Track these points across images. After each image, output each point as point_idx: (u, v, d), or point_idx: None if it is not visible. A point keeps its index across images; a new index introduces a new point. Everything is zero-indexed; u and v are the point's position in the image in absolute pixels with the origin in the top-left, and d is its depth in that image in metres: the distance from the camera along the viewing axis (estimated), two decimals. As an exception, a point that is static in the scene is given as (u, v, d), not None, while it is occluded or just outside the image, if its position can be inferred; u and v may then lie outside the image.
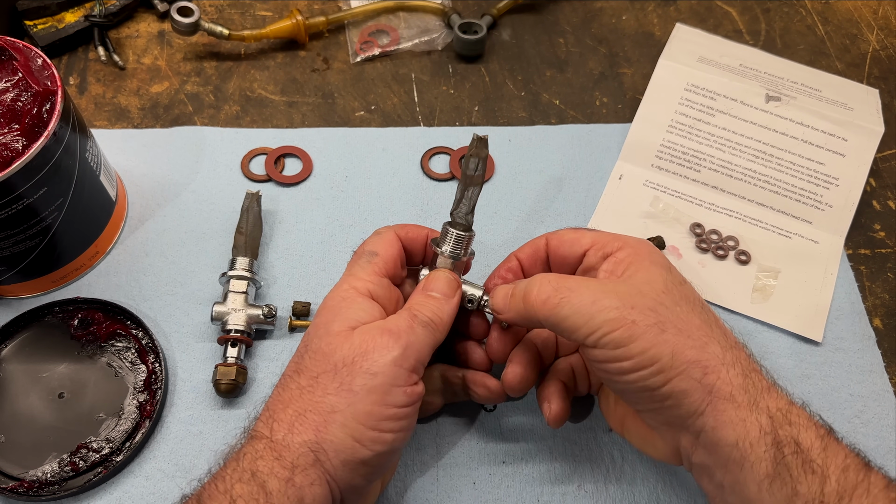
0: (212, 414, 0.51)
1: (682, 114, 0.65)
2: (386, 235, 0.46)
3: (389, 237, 0.46)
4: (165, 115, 0.66)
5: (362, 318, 0.41)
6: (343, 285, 0.43)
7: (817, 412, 0.40)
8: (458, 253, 0.45)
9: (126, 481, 0.48)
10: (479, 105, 0.69)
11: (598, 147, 0.66)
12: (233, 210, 0.59)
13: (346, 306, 0.42)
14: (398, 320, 0.41)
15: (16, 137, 0.46)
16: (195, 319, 0.55)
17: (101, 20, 0.69)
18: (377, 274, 0.44)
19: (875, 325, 0.57)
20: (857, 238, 0.62)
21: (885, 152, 0.67)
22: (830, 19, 0.77)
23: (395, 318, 0.41)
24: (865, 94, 0.67)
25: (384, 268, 0.44)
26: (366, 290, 0.43)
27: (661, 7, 0.77)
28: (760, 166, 0.63)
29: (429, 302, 0.43)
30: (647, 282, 0.40)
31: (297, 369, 0.41)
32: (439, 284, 0.44)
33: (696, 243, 0.60)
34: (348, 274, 0.44)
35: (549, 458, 0.50)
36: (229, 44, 0.71)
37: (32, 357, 0.52)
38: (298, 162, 0.64)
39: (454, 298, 0.44)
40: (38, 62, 0.50)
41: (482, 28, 0.70)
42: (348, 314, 0.41)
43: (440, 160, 0.65)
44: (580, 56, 0.73)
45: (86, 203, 0.53)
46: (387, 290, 0.44)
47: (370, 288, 0.43)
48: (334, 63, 0.71)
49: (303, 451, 0.38)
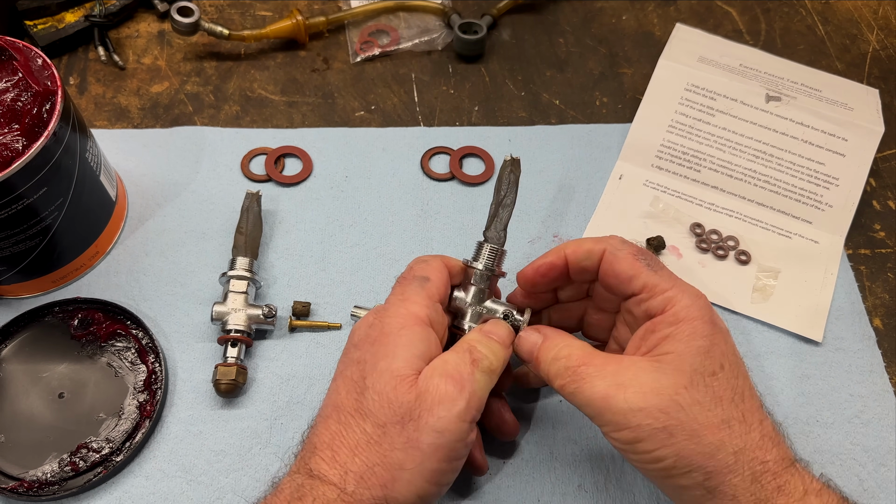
0: (212, 414, 0.51)
1: (682, 114, 0.65)
2: (434, 262, 0.45)
3: (437, 264, 0.45)
4: (165, 115, 0.66)
5: (423, 353, 0.40)
6: (400, 310, 0.42)
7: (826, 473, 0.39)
8: (493, 268, 0.46)
9: (126, 481, 0.48)
10: (479, 105, 0.69)
11: (598, 147, 0.66)
12: (233, 210, 0.59)
13: (406, 336, 0.40)
14: (460, 366, 0.40)
15: (16, 137, 0.46)
16: (195, 319, 0.55)
17: (101, 20, 0.69)
18: (431, 299, 0.43)
19: (875, 325, 0.57)
20: (857, 238, 0.62)
21: (885, 152, 0.67)
22: (830, 19, 0.77)
23: (457, 363, 0.40)
24: (865, 94, 0.67)
25: (437, 293, 0.43)
26: (424, 316, 0.42)
27: (661, 7, 0.77)
28: (760, 166, 0.63)
29: (490, 343, 0.42)
30: (674, 370, 0.38)
31: (360, 410, 0.39)
32: (499, 330, 0.44)
33: (697, 243, 0.60)
34: (402, 298, 0.43)
35: (549, 458, 0.50)
36: (229, 44, 0.71)
37: (32, 357, 0.52)
38: (298, 162, 0.64)
39: (510, 347, 0.44)
40: (38, 62, 0.50)
41: (482, 28, 0.70)
42: (411, 349, 0.40)
43: (440, 160, 0.65)
44: (580, 56, 0.73)
45: (86, 203, 0.53)
46: (441, 316, 0.44)
47: (427, 314, 0.42)
48: (334, 63, 0.71)
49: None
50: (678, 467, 0.37)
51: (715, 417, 0.37)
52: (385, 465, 0.38)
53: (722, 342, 0.39)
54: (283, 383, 0.52)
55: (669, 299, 0.40)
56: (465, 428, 0.39)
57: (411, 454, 0.38)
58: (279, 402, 0.51)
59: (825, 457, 0.50)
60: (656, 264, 0.42)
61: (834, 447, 0.51)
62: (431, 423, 0.38)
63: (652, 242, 0.59)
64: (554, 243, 0.60)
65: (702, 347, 0.38)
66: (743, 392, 0.39)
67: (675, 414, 0.37)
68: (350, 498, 0.37)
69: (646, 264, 0.42)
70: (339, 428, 0.39)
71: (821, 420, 0.52)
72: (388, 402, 0.38)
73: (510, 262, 0.58)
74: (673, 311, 0.40)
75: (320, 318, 0.55)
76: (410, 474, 0.38)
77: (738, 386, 0.39)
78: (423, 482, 0.38)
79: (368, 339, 0.41)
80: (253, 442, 0.50)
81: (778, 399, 0.53)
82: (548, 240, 0.60)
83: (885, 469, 0.50)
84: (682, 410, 0.37)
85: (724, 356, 0.39)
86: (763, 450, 0.37)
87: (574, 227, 0.61)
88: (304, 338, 0.54)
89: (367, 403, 0.39)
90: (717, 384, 0.38)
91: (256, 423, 0.50)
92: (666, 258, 0.59)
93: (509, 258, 0.54)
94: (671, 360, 0.38)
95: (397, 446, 0.38)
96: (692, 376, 0.37)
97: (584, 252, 0.44)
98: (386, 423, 0.38)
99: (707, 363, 0.38)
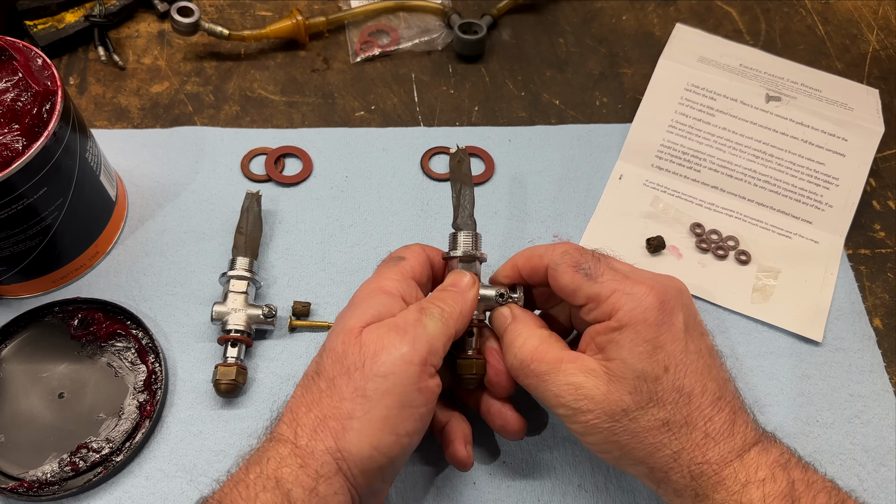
0: (212, 414, 0.51)
1: (682, 114, 0.65)
2: (412, 246, 0.47)
3: (416, 248, 0.46)
4: (165, 115, 0.66)
5: (379, 313, 0.41)
6: (369, 284, 0.44)
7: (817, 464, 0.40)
8: (472, 253, 0.46)
9: (126, 481, 0.48)
10: (479, 105, 0.69)
11: (598, 147, 0.66)
12: (233, 210, 0.59)
13: (365, 301, 0.42)
14: (406, 315, 0.41)
15: (16, 137, 0.46)
16: (195, 319, 0.55)
17: (101, 20, 0.69)
18: (403, 274, 0.44)
19: (875, 325, 0.57)
20: (857, 238, 0.62)
21: (885, 152, 0.67)
22: (830, 19, 0.77)
23: (404, 314, 0.41)
24: (865, 94, 0.67)
25: (410, 270, 0.44)
26: (391, 287, 0.43)
27: (661, 7, 0.77)
28: (760, 166, 0.63)
29: (441, 294, 0.43)
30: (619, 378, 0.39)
31: (318, 370, 0.41)
32: (453, 278, 0.45)
33: (696, 243, 0.60)
34: (374, 275, 0.45)
35: (549, 458, 0.50)
36: (229, 44, 0.71)
37: (32, 357, 0.52)
38: (298, 162, 0.64)
39: (470, 291, 0.44)
40: (38, 62, 0.50)
41: (482, 28, 0.70)
42: (365, 308, 0.41)
43: (440, 160, 0.65)
44: (580, 56, 0.73)
45: (86, 203, 0.53)
46: (413, 290, 0.44)
47: (395, 285, 0.43)
48: (334, 63, 0.71)
49: (325, 458, 0.38)
50: (624, 459, 0.40)
51: (656, 421, 0.38)
52: (335, 416, 0.38)
53: (669, 341, 0.39)
54: (283, 383, 0.52)
55: (612, 305, 0.40)
56: (413, 371, 0.39)
57: (359, 402, 0.38)
58: (279, 402, 0.51)
59: (825, 457, 0.50)
60: (597, 270, 0.41)
61: (834, 447, 0.51)
62: (374, 369, 0.38)
63: (652, 242, 0.59)
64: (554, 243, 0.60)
65: (644, 353, 0.39)
66: (691, 391, 0.39)
67: (619, 418, 0.39)
68: (302, 451, 0.38)
69: (584, 275, 0.41)
70: (301, 392, 0.41)
71: (821, 420, 0.52)
72: (337, 356, 0.40)
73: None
74: (616, 318, 0.40)
75: (320, 318, 0.55)
76: (360, 423, 0.38)
77: (686, 386, 0.39)
78: (374, 430, 0.38)
79: (338, 314, 0.43)
80: (253, 442, 0.49)
81: (778, 399, 0.53)
82: (547, 240, 0.60)
83: (885, 469, 0.50)
84: (625, 415, 0.39)
85: (669, 357, 0.39)
86: (704, 449, 0.38)
87: (574, 227, 0.61)
88: (304, 338, 0.54)
89: (323, 362, 0.40)
90: (659, 388, 0.39)
91: (256, 423, 0.50)
92: (666, 258, 0.59)
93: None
94: (616, 367, 0.39)
95: (346, 396, 0.38)
96: (635, 383, 0.39)
97: (530, 269, 0.45)
98: (335, 376, 0.39)
99: (650, 368, 0.39)
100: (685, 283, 0.43)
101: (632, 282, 0.41)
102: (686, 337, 0.40)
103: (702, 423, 0.39)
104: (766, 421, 0.52)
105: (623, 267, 0.43)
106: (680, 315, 0.40)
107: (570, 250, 0.43)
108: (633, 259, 0.59)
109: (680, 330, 0.40)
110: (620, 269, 0.42)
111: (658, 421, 0.38)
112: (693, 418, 0.39)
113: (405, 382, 0.39)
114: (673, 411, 0.39)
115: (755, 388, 0.53)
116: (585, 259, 0.42)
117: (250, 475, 0.38)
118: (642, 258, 0.59)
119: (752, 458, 0.38)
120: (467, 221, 0.48)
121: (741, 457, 0.38)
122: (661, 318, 0.39)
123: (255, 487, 0.37)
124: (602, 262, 0.42)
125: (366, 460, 0.38)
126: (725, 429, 0.39)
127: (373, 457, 0.38)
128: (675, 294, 0.41)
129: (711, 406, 0.39)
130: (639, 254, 0.59)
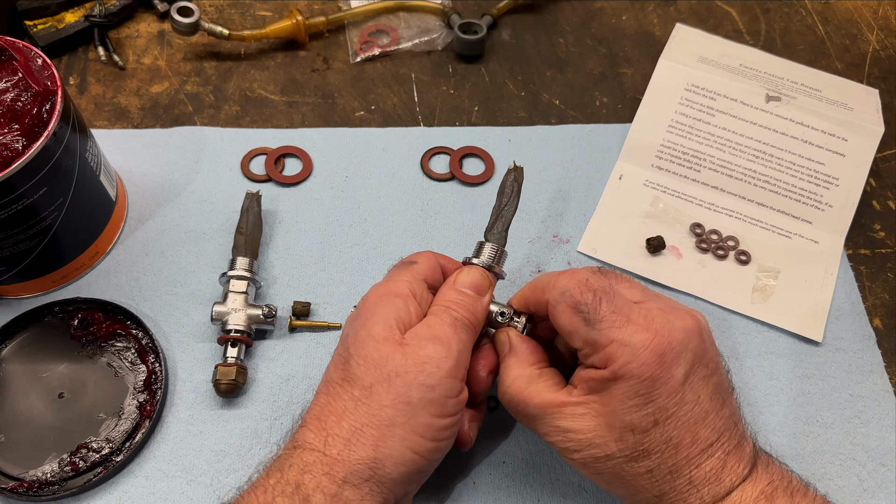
0: (212, 414, 0.51)
1: (682, 114, 0.65)
2: (424, 252, 0.47)
3: (428, 254, 0.46)
4: (165, 115, 0.66)
5: (403, 318, 0.41)
6: (381, 287, 0.43)
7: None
8: (492, 265, 0.46)
9: (126, 481, 0.48)
10: (479, 105, 0.69)
11: (598, 147, 0.66)
12: (233, 210, 0.59)
13: (384, 305, 0.42)
14: (442, 326, 0.41)
15: (16, 137, 0.46)
16: (195, 319, 0.55)
17: (101, 20, 0.69)
18: (415, 277, 0.44)
19: (875, 325, 0.57)
20: (857, 238, 0.62)
21: (885, 152, 0.67)
22: (830, 19, 0.77)
23: (438, 324, 0.41)
24: (865, 94, 0.67)
25: (421, 273, 0.44)
26: (403, 290, 0.43)
27: (661, 7, 0.77)
28: (760, 166, 0.63)
29: (464, 300, 0.43)
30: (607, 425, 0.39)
31: (347, 377, 0.40)
32: (471, 279, 0.44)
33: (696, 243, 0.60)
34: (385, 279, 0.44)
35: (549, 458, 0.50)
36: (229, 44, 0.71)
37: (32, 357, 0.52)
38: (298, 162, 0.64)
39: (486, 296, 0.44)
40: (38, 62, 0.50)
41: (482, 28, 0.70)
42: (388, 314, 0.41)
43: (440, 160, 0.65)
44: (580, 56, 0.73)
45: (86, 203, 0.53)
46: (426, 292, 0.44)
47: (409, 288, 0.43)
48: (334, 63, 0.71)
49: (358, 467, 0.38)
50: (610, 490, 0.42)
51: (640, 468, 0.39)
52: (375, 423, 0.38)
53: (664, 395, 0.38)
54: (283, 383, 0.52)
55: (609, 356, 0.39)
56: (455, 385, 0.40)
57: (401, 409, 0.38)
58: (279, 402, 0.51)
59: (825, 457, 0.51)
60: (596, 315, 0.39)
61: (834, 447, 0.51)
62: (421, 380, 0.39)
63: (652, 242, 0.59)
64: (554, 243, 0.60)
65: (634, 406, 0.38)
66: (679, 442, 0.38)
67: (605, 461, 0.40)
68: (331, 460, 0.38)
69: (583, 319, 0.40)
70: (327, 399, 0.40)
71: (821, 420, 0.52)
72: (373, 363, 0.39)
73: (510, 263, 0.58)
74: (611, 370, 0.39)
75: (320, 318, 0.55)
76: (402, 429, 0.38)
77: (675, 437, 0.38)
78: (415, 436, 0.38)
79: (351, 318, 0.43)
80: (253, 442, 0.50)
81: (778, 399, 0.53)
82: (548, 240, 0.60)
83: (885, 469, 0.50)
84: (610, 459, 0.40)
85: (660, 411, 0.38)
86: (686, 495, 0.39)
87: (574, 227, 0.61)
88: (304, 338, 0.54)
89: (353, 370, 0.40)
90: (646, 440, 0.39)
91: (256, 423, 0.50)
92: (666, 258, 0.59)
93: (509, 259, 0.54)
94: (606, 415, 0.39)
95: (386, 403, 0.38)
96: (622, 433, 0.39)
97: (535, 303, 0.44)
98: (373, 384, 0.39)
99: (639, 421, 0.38)
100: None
101: (632, 329, 0.39)
102: (683, 388, 0.38)
103: (687, 472, 0.39)
104: (766, 421, 0.52)
105: (627, 304, 0.40)
106: (681, 367, 0.38)
107: (570, 288, 0.41)
108: (633, 259, 0.59)
109: (677, 382, 0.38)
110: (622, 310, 0.40)
111: (642, 468, 0.39)
112: (679, 467, 0.39)
113: (448, 394, 0.39)
114: (658, 461, 0.39)
115: (755, 388, 0.53)
116: (585, 300, 0.40)
117: (270, 480, 0.38)
118: (642, 258, 0.59)
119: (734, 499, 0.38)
120: (498, 235, 0.47)
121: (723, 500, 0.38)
122: (657, 372, 0.38)
123: (273, 492, 0.37)
124: (604, 303, 0.40)
125: (407, 463, 0.38)
126: (712, 475, 0.39)
127: (414, 460, 0.39)
128: (681, 340, 0.39)
129: (701, 454, 0.39)
130: (639, 254, 0.59)
